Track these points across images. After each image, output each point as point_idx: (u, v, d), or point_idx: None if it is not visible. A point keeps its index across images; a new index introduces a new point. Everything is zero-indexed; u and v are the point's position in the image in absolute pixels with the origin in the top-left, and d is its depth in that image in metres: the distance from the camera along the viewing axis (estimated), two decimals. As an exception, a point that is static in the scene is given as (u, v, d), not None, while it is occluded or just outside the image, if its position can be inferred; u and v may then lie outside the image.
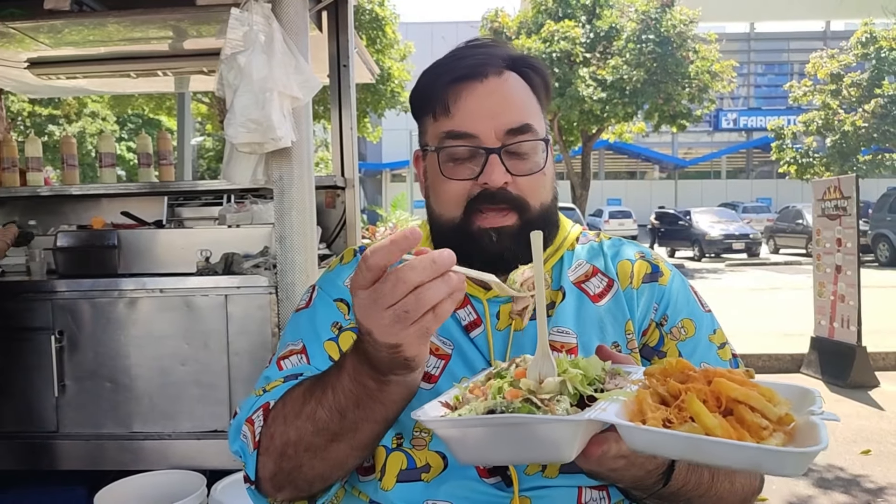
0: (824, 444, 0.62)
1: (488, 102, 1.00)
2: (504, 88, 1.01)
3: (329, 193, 3.43)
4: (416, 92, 1.08)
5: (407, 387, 0.81)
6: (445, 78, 1.01)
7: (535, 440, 0.72)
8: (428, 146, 1.05)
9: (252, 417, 0.93)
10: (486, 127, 0.99)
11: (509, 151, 1.00)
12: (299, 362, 1.02)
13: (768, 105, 38.24)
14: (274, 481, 0.90)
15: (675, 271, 1.14)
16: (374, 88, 13.35)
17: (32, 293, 2.77)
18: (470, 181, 1.00)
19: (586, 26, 17.19)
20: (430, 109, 1.04)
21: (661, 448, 0.68)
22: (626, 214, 28.68)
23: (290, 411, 0.88)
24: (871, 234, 16.42)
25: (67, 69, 3.64)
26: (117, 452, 2.74)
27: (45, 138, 14.74)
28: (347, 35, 3.27)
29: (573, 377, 0.78)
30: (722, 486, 0.96)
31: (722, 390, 0.70)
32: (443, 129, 1.01)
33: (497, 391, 0.78)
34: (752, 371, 0.76)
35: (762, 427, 0.66)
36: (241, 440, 0.93)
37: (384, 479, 0.98)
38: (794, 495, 3.55)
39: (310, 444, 0.86)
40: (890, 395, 5.35)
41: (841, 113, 18.60)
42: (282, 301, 2.53)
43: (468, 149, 1.00)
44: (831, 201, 5.92)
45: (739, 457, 0.64)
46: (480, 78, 1.00)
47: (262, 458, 0.90)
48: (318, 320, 1.07)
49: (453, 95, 1.00)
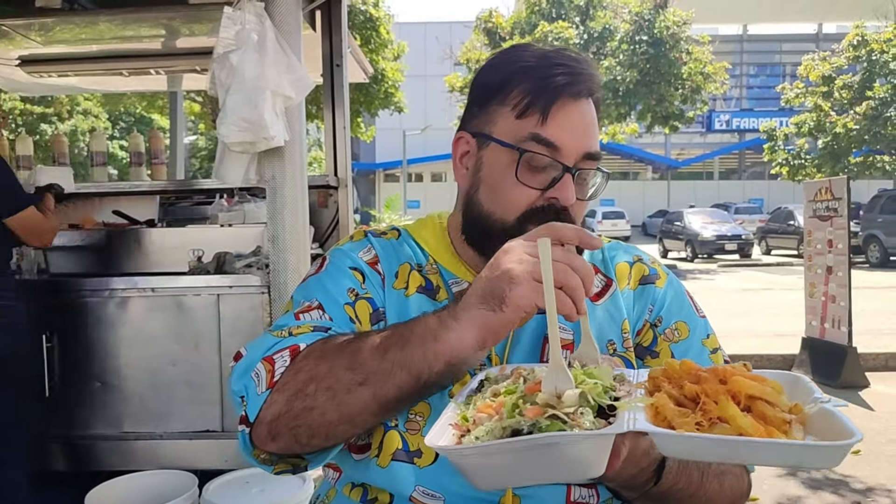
0: (860, 436, 0.63)
1: (581, 122, 1.00)
2: (592, 112, 1.02)
3: (322, 193, 3.42)
4: (493, 79, 1.04)
5: (461, 344, 0.79)
6: (547, 82, 0.99)
7: (567, 459, 0.69)
8: (493, 138, 1.02)
9: (273, 357, 0.89)
10: (572, 145, 0.98)
11: (581, 175, 1.01)
12: (321, 318, 0.98)
13: (760, 106, 38.42)
14: (274, 425, 0.86)
15: (672, 275, 1.16)
16: (367, 89, 13.32)
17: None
18: (537, 191, 0.99)
19: (580, 27, 17.25)
20: (513, 103, 1.00)
21: (700, 452, 0.69)
22: (619, 215, 28.77)
23: (332, 347, 0.86)
24: (862, 235, 16.53)
25: (59, 67, 3.63)
26: (108, 453, 2.72)
27: (36, 137, 14.67)
28: (341, 34, 3.26)
29: (592, 388, 0.75)
30: (711, 487, 0.96)
31: (740, 388, 0.70)
32: (529, 130, 0.98)
33: (512, 408, 0.74)
34: (749, 365, 0.77)
35: (785, 421, 0.67)
36: (252, 378, 0.88)
37: (381, 455, 0.98)
38: (784, 495, 3.57)
39: (335, 381, 0.82)
40: (880, 395, 5.38)
41: (832, 115, 18.69)
42: (274, 301, 2.53)
43: (549, 160, 0.98)
44: (823, 202, 5.95)
45: (783, 455, 0.65)
46: (577, 96, 0.99)
47: (273, 396, 0.85)
48: (334, 284, 1.03)
49: (557, 104, 0.98)
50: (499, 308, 0.78)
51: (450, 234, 1.11)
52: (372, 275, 1.06)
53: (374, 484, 1.00)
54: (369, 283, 1.04)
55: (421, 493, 0.96)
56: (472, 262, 1.07)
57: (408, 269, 1.07)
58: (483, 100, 1.05)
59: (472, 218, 1.05)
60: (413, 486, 0.96)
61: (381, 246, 1.10)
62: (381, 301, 1.03)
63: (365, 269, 1.06)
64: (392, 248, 1.10)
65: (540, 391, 0.76)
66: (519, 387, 0.80)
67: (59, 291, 2.76)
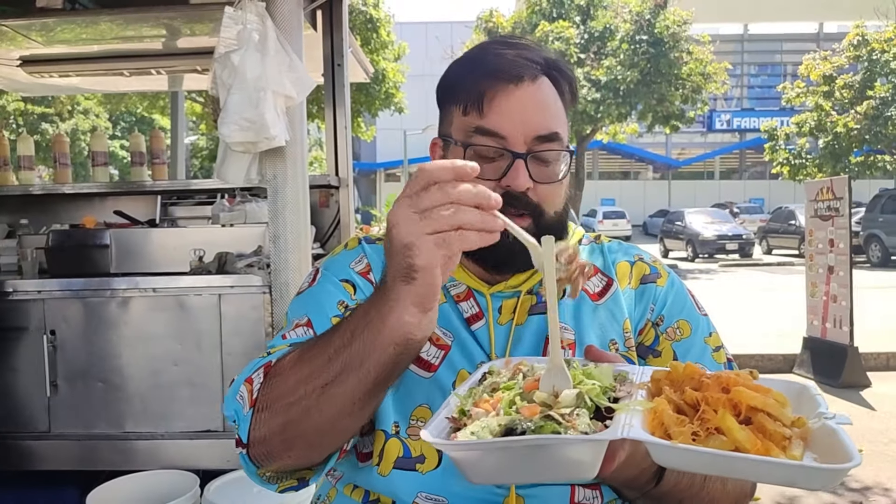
0: (858, 461, 0.61)
1: (521, 106, 0.99)
2: (538, 94, 1.01)
3: (323, 193, 3.42)
4: (446, 81, 1.07)
5: (401, 323, 0.76)
6: (480, 73, 1.01)
7: (559, 461, 0.69)
8: (451, 138, 1.04)
9: (251, 377, 0.90)
10: (517, 131, 0.98)
11: (535, 157, 1.00)
12: (305, 334, 0.99)
13: (761, 106, 38.40)
14: (268, 444, 0.86)
15: (673, 274, 1.16)
16: (368, 89, 13.32)
17: (24, 293, 2.76)
18: (492, 181, 0.99)
19: (580, 27, 17.23)
20: (460, 102, 1.03)
21: (693, 465, 0.68)
22: (619, 215, 28.75)
23: (298, 356, 0.85)
24: (863, 234, 16.52)
25: (60, 67, 3.63)
26: (110, 453, 2.72)
27: (37, 137, 14.67)
28: (342, 34, 3.26)
29: (590, 389, 0.75)
30: (714, 488, 0.96)
31: (741, 399, 0.69)
32: (472, 124, 1.00)
33: (509, 405, 0.74)
34: (755, 372, 0.76)
35: (785, 437, 0.66)
36: (237, 401, 0.89)
37: (382, 464, 0.98)
38: (783, 494, 3.57)
39: (318, 377, 0.81)
40: (881, 395, 5.38)
41: (833, 114, 18.66)
42: (275, 301, 2.53)
43: (495, 149, 0.99)
44: (824, 202, 5.95)
45: (775, 474, 0.64)
46: (516, 81, 0.99)
47: (256, 416, 0.85)
48: (324, 298, 1.04)
49: (489, 94, 0.99)
50: (412, 278, 0.74)
51: None
52: (363, 284, 1.07)
53: (375, 490, 1.00)
54: (360, 293, 1.06)
55: (423, 498, 0.96)
56: (465, 263, 1.07)
57: None
58: (441, 103, 1.08)
59: None
60: (415, 493, 0.96)
61: (375, 253, 1.11)
62: None
63: (357, 280, 1.07)
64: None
65: (538, 389, 0.76)
66: (518, 383, 0.79)
67: (60, 291, 2.76)
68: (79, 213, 3.52)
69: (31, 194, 3.41)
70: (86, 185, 3.38)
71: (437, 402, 0.93)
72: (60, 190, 3.36)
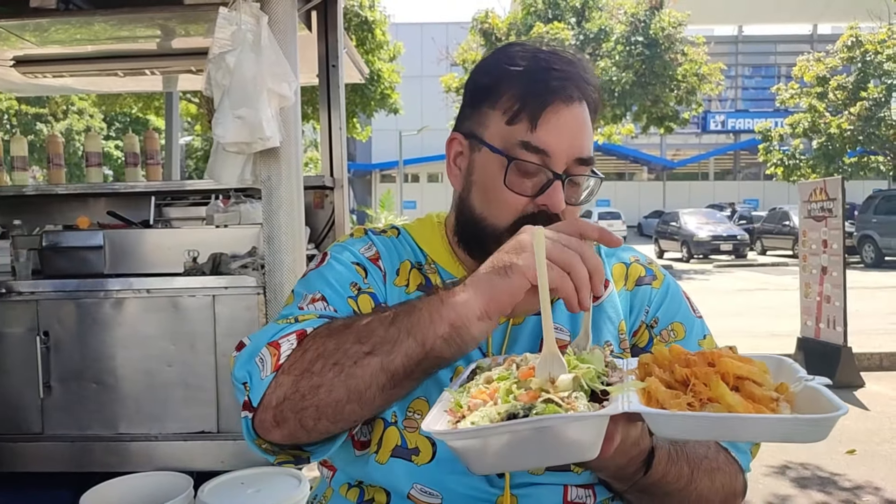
0: (845, 409, 0.64)
1: (570, 127, 0.98)
2: (582, 115, 1.00)
3: (318, 194, 3.42)
4: (486, 80, 1.03)
5: (466, 309, 0.79)
6: (536, 86, 0.98)
7: (563, 441, 0.69)
8: (484, 141, 1.01)
9: (279, 341, 0.87)
10: (563, 151, 0.98)
11: (571, 180, 1.00)
12: (325, 309, 0.97)
13: (755, 107, 38.50)
14: (280, 409, 0.84)
15: (668, 276, 1.16)
16: (363, 90, 13.31)
17: (17, 293, 2.75)
18: (527, 198, 0.99)
19: (575, 28, 17.26)
20: (503, 108, 0.99)
21: (694, 431, 0.69)
22: (615, 216, 28.76)
23: (338, 326, 0.86)
24: (857, 235, 16.59)
25: (54, 68, 3.61)
26: (103, 454, 2.72)
27: (31, 137, 14.62)
28: (337, 35, 3.26)
29: (586, 373, 0.76)
30: (702, 483, 0.97)
31: (728, 369, 0.72)
32: (519, 137, 0.98)
33: (507, 393, 0.74)
34: (735, 347, 0.79)
35: (773, 399, 0.69)
36: (256, 364, 0.87)
37: (380, 451, 0.98)
38: (773, 493, 3.58)
39: (343, 355, 0.81)
40: (875, 395, 5.40)
41: (827, 115, 18.75)
42: (270, 302, 2.53)
43: (538, 167, 0.98)
44: (817, 203, 5.97)
45: (773, 429, 0.66)
46: (568, 100, 0.98)
47: (279, 378, 0.84)
48: (336, 278, 1.01)
49: (546, 110, 0.97)
50: (504, 274, 0.79)
51: (447, 235, 1.11)
52: (374, 270, 1.05)
53: (371, 482, 1.00)
54: (371, 278, 1.04)
55: (419, 490, 0.96)
56: (467, 263, 1.07)
57: (408, 266, 1.08)
58: (475, 101, 1.04)
59: (465, 220, 1.05)
60: (410, 483, 0.96)
61: (382, 243, 1.10)
62: (382, 296, 1.03)
63: (367, 264, 1.05)
64: (393, 246, 1.10)
65: (533, 377, 0.77)
66: (512, 373, 0.80)
67: (53, 292, 2.75)
68: (72, 214, 3.51)
69: (24, 195, 3.40)
70: (80, 185, 3.38)
71: (434, 396, 0.93)
72: (54, 190, 3.35)
